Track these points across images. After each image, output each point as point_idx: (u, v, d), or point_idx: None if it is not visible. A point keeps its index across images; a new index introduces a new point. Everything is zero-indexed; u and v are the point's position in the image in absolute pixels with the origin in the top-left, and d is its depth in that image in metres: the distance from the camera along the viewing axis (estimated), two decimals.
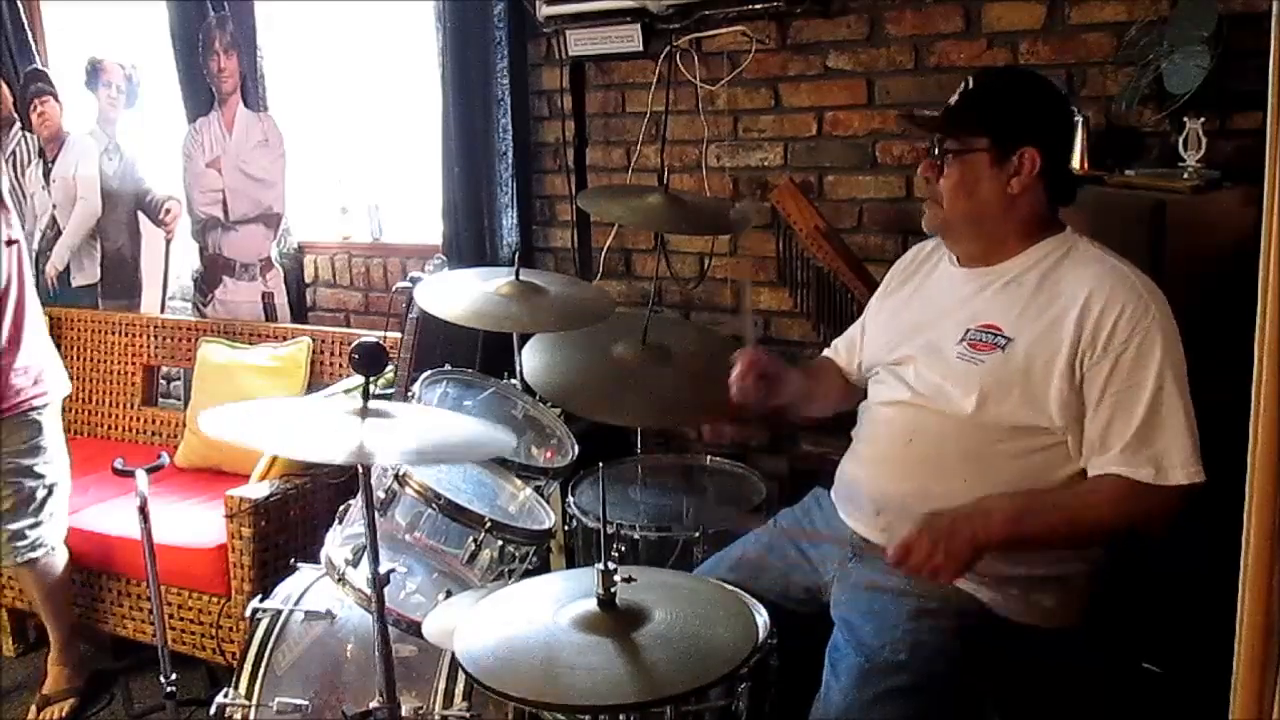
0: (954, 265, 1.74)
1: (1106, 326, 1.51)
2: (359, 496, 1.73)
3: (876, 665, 1.53)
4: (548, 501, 2.11)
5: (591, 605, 1.30)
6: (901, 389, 1.70)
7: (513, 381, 2.37)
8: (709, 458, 2.54)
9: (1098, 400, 1.52)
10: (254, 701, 1.86)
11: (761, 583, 1.78)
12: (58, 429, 2.64)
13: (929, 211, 1.70)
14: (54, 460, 2.61)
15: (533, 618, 1.32)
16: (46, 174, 3.69)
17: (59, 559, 2.64)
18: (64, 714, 2.66)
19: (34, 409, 2.55)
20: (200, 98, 3.38)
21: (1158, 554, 1.64)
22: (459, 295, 2.05)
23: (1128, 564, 1.65)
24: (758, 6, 2.55)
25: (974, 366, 1.59)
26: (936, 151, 1.64)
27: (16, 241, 2.52)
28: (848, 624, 1.62)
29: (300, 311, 3.42)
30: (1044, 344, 1.55)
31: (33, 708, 2.66)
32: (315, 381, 3.04)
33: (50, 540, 2.61)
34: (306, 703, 1.84)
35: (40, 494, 2.58)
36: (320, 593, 1.97)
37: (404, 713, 1.68)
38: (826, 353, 2.05)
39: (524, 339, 2.23)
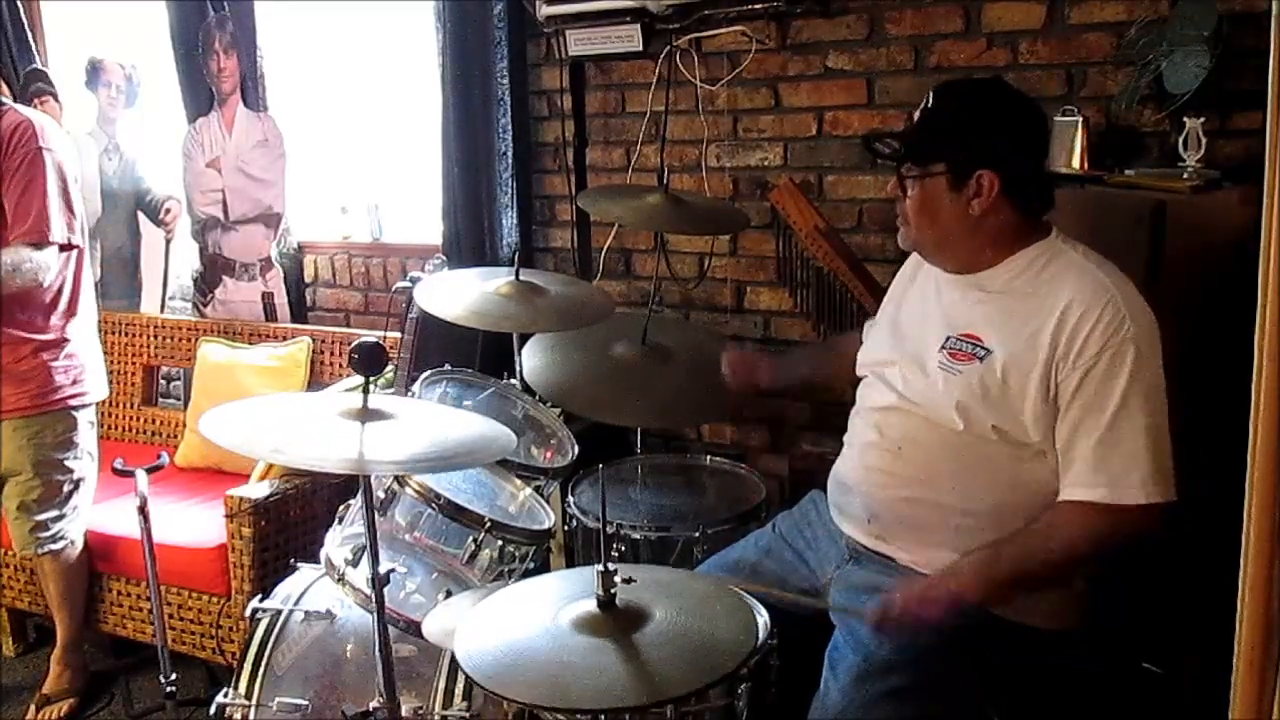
0: (942, 269, 1.74)
1: (1079, 339, 1.49)
2: (359, 497, 1.73)
3: (876, 665, 1.53)
4: (548, 501, 2.11)
5: (591, 606, 1.30)
6: (889, 393, 1.69)
7: (513, 381, 2.37)
8: (709, 458, 2.54)
9: (1064, 412, 1.52)
10: (254, 701, 1.86)
11: (759, 585, 1.78)
12: (91, 429, 2.69)
13: (902, 230, 1.69)
14: (83, 458, 2.67)
15: (533, 619, 1.32)
16: None
17: (80, 555, 2.69)
18: (63, 714, 2.67)
19: (69, 408, 2.61)
20: (200, 98, 3.38)
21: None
22: (459, 295, 2.05)
23: (1128, 565, 1.65)
24: (758, 6, 2.55)
25: (953, 376, 1.59)
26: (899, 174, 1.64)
27: (76, 247, 2.59)
28: (847, 625, 1.62)
29: (300, 311, 3.42)
30: (1022, 358, 1.53)
31: (32, 707, 2.67)
32: (315, 381, 3.04)
33: (71, 534, 2.66)
34: (306, 703, 1.84)
35: (67, 488, 2.64)
36: (320, 593, 1.97)
37: (404, 713, 1.68)
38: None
39: (524, 339, 2.23)
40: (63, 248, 2.53)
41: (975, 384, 1.56)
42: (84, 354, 2.65)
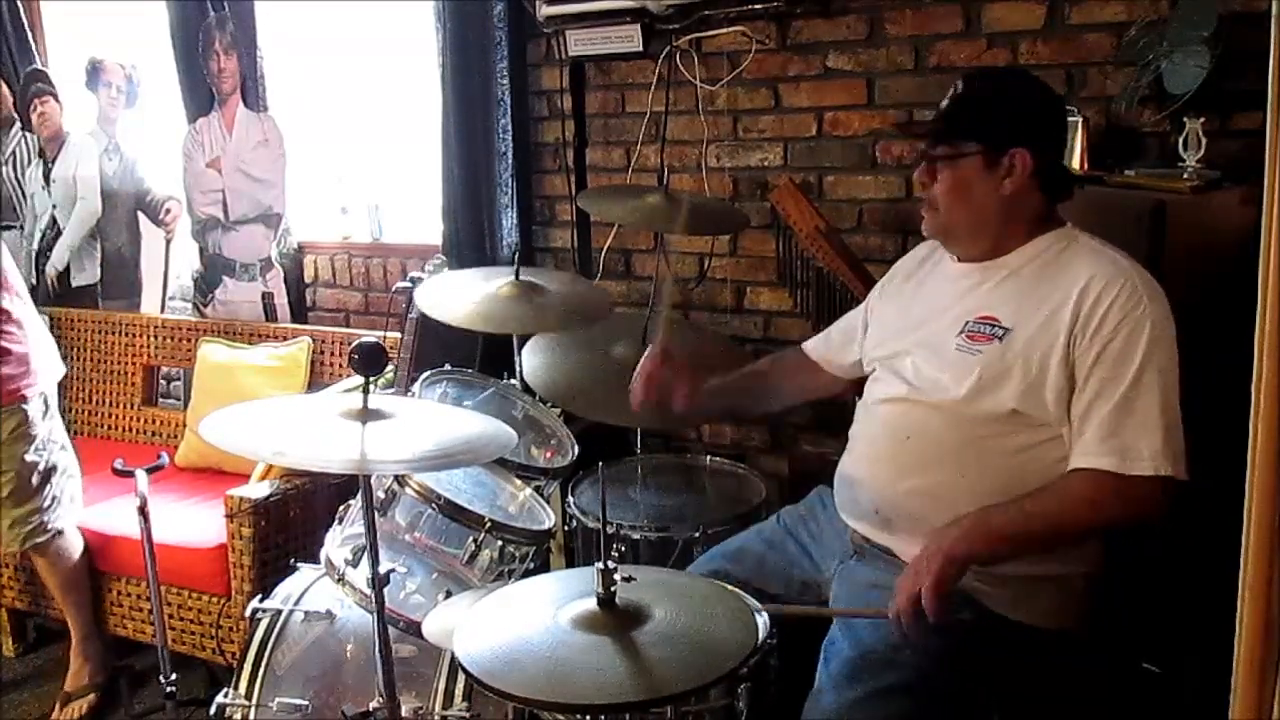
0: (954, 261, 1.75)
1: (1098, 314, 1.52)
2: (359, 497, 1.73)
3: (871, 662, 1.53)
4: (548, 501, 2.11)
5: (591, 605, 1.30)
6: (899, 384, 1.70)
7: (513, 381, 2.37)
8: (709, 458, 2.54)
9: (1082, 385, 1.53)
10: (254, 701, 1.86)
11: (763, 577, 1.78)
12: (46, 417, 2.65)
13: (927, 217, 1.71)
14: (47, 447, 2.64)
15: (532, 618, 1.32)
16: (46, 174, 3.70)
17: (72, 544, 2.67)
18: (84, 711, 2.67)
19: (13, 403, 2.57)
20: (200, 98, 3.38)
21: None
22: (461, 298, 2.04)
23: (1128, 565, 1.65)
24: (758, 6, 2.54)
25: (971, 357, 1.60)
26: (927, 159, 1.66)
27: None
28: (845, 619, 1.62)
29: (300, 311, 3.42)
30: (1042, 335, 1.55)
31: (56, 704, 2.67)
32: (315, 381, 3.04)
33: (56, 523, 2.64)
34: (306, 703, 1.84)
35: (35, 480, 2.62)
36: (320, 593, 1.97)
37: (404, 713, 1.68)
38: (804, 346, 2.03)
39: (524, 339, 2.23)
40: None
41: (996, 364, 1.57)
42: (18, 346, 2.59)
